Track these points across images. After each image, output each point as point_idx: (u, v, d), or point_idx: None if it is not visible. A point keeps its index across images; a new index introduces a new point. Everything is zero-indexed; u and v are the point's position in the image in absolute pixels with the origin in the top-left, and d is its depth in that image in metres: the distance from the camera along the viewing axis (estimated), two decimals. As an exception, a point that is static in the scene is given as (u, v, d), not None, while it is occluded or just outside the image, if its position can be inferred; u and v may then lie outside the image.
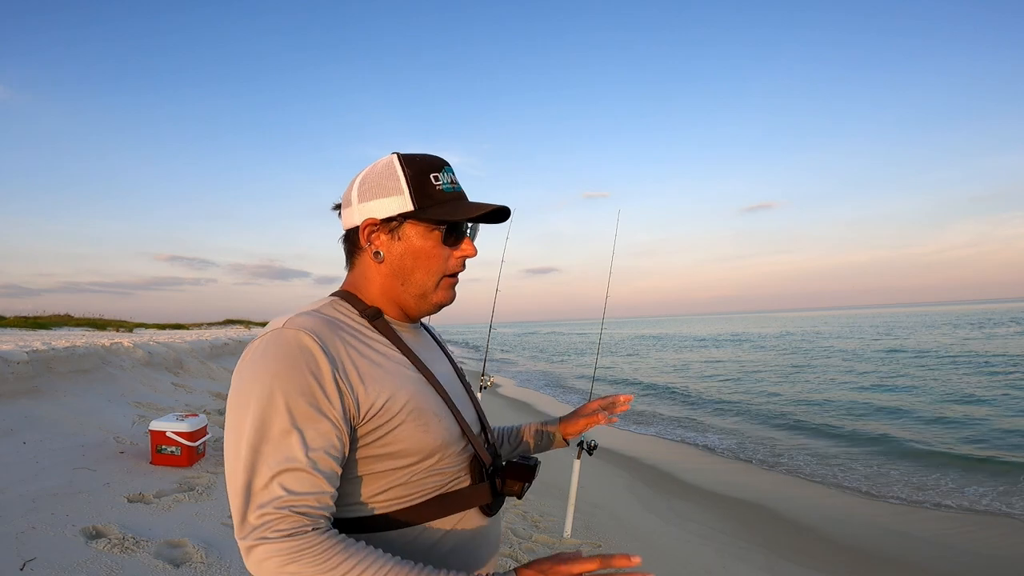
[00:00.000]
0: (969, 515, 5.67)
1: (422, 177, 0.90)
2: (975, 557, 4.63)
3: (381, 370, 0.85)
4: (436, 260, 0.92)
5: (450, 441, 0.89)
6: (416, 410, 0.85)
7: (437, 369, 0.96)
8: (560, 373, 22.78)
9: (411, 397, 0.85)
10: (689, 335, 57.27)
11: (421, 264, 0.92)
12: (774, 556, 4.58)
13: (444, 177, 0.92)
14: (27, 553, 2.81)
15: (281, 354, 0.77)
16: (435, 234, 0.91)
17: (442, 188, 0.91)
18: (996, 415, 10.79)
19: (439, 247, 0.92)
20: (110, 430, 5.35)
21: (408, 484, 0.86)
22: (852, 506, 6.02)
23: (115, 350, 8.55)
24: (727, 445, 9.06)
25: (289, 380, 0.76)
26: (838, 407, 12.37)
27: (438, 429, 0.87)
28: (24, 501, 3.45)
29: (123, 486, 3.98)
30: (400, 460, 0.85)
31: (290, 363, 0.77)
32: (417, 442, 0.85)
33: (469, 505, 0.92)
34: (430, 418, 0.87)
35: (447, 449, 0.88)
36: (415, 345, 0.95)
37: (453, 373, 1.03)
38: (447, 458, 0.89)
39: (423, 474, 0.87)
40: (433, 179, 0.91)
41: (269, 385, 0.76)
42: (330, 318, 0.86)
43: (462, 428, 0.92)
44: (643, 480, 6.85)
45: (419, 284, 0.92)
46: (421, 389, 0.88)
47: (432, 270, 0.92)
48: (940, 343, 29.78)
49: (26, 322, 21.16)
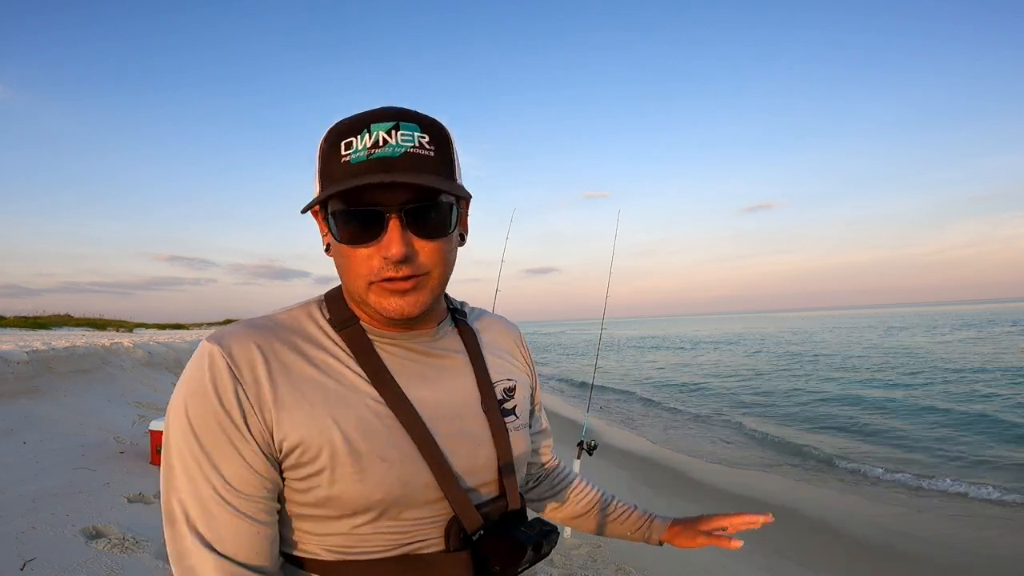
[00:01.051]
0: (969, 513, 5.67)
1: (332, 148, 0.65)
2: (975, 557, 4.64)
3: (318, 394, 0.66)
4: (353, 260, 0.67)
5: (402, 494, 0.67)
6: (351, 452, 0.65)
7: (430, 395, 0.72)
8: (561, 373, 22.77)
9: (347, 433, 0.65)
10: (689, 335, 57.27)
11: (345, 264, 0.68)
12: (774, 556, 4.58)
13: (362, 140, 0.64)
14: (27, 553, 2.81)
15: (192, 372, 0.66)
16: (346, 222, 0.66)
17: (349, 160, 0.64)
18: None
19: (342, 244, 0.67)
20: (110, 430, 5.35)
21: (347, 536, 0.67)
22: (853, 505, 6.01)
23: (115, 350, 8.56)
24: (727, 444, 9.06)
25: (195, 403, 0.64)
26: (840, 408, 12.38)
27: (381, 478, 0.65)
28: (24, 501, 3.45)
29: (123, 486, 3.98)
30: (328, 510, 0.66)
31: (198, 384, 0.64)
32: (347, 492, 0.65)
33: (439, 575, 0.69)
34: (370, 463, 0.65)
35: (397, 504, 0.67)
36: (400, 362, 0.72)
37: (470, 398, 0.76)
38: (403, 515, 0.68)
39: (366, 531, 0.67)
40: (344, 147, 0.64)
41: (179, 407, 0.65)
42: (279, 325, 0.70)
43: (437, 477, 0.68)
44: (643, 480, 6.85)
45: (351, 289, 0.70)
46: (372, 424, 0.67)
47: (353, 272, 0.67)
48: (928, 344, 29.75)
49: (26, 322, 21.16)
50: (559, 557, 3.86)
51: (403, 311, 0.67)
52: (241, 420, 0.63)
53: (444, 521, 0.70)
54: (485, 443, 0.74)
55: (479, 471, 0.73)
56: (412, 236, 0.65)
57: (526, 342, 0.92)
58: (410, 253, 0.65)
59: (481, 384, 0.77)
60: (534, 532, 0.72)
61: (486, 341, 0.83)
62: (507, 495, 0.75)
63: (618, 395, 15.77)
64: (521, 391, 0.83)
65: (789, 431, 10.08)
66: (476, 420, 0.75)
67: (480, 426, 0.75)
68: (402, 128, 0.64)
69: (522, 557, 0.69)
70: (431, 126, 0.67)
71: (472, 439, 0.73)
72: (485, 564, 0.69)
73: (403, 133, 0.64)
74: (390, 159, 0.63)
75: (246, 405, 0.64)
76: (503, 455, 0.75)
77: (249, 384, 0.64)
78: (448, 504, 0.69)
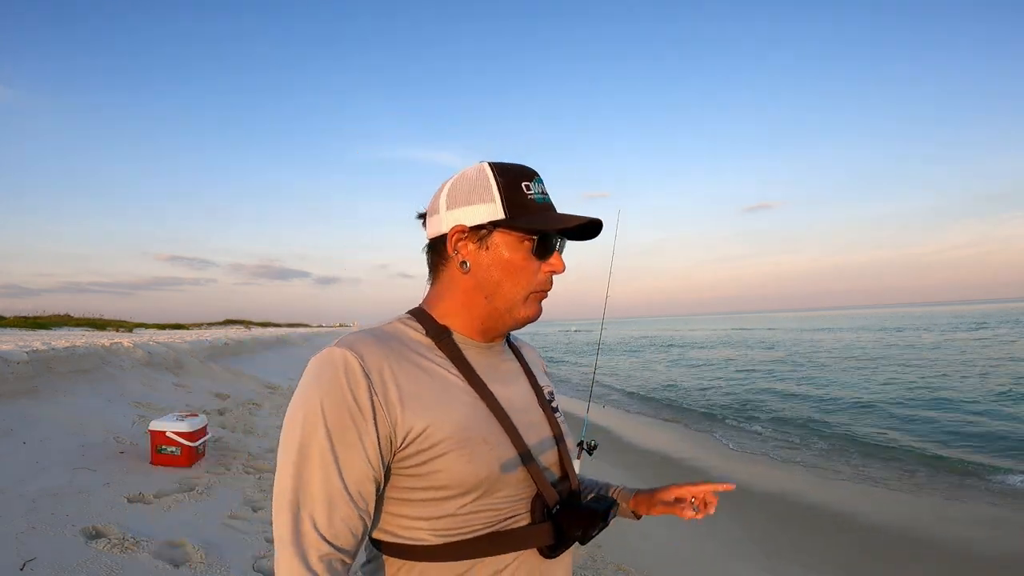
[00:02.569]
0: (971, 513, 5.67)
1: (514, 185, 0.86)
2: (976, 557, 4.63)
3: (431, 392, 0.81)
4: (525, 272, 0.87)
5: (500, 472, 0.81)
6: (462, 438, 0.79)
7: (506, 392, 0.89)
8: (560, 373, 22.77)
9: (458, 423, 0.80)
10: (688, 336, 57.25)
11: (509, 276, 0.87)
12: (774, 556, 4.58)
13: (535, 187, 0.88)
14: (27, 553, 2.81)
15: (324, 372, 0.78)
16: (525, 245, 0.87)
17: (533, 198, 0.87)
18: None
19: (529, 259, 0.87)
20: (110, 430, 5.35)
21: (454, 517, 0.80)
22: (854, 505, 6.01)
23: (115, 350, 8.56)
24: (727, 444, 9.07)
25: (330, 398, 0.76)
26: (841, 408, 12.38)
27: (486, 458, 0.79)
28: (24, 501, 3.45)
29: (123, 486, 3.98)
30: (441, 492, 0.79)
31: (331, 383, 0.77)
32: (459, 474, 0.78)
33: (525, 546, 0.83)
34: (477, 446, 0.80)
35: (497, 482, 0.80)
36: (483, 365, 0.89)
37: (531, 397, 0.94)
38: (499, 492, 0.81)
39: (470, 509, 0.80)
40: (524, 188, 0.87)
41: (313, 402, 0.77)
42: (389, 335, 0.85)
43: (522, 458, 0.83)
44: (644, 480, 6.85)
45: (506, 297, 0.87)
46: (473, 414, 0.82)
47: (520, 283, 0.87)
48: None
49: (26, 322, 21.17)
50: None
51: (539, 315, 0.90)
52: (371, 415, 0.77)
53: (528, 498, 0.84)
54: (547, 432, 0.91)
55: (547, 455, 0.89)
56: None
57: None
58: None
59: (535, 387, 0.96)
60: (604, 503, 0.89)
61: (527, 357, 1.03)
62: (569, 476, 0.91)
63: (619, 395, 15.78)
64: (557, 398, 1.02)
65: (791, 432, 10.08)
66: (538, 413, 0.92)
67: (541, 418, 0.92)
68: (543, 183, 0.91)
69: (597, 524, 0.85)
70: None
71: (538, 428, 0.90)
72: (563, 533, 0.84)
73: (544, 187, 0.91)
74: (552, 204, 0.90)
75: (376, 401, 0.77)
76: (559, 441, 0.92)
77: (378, 384, 0.78)
78: (532, 482, 0.84)
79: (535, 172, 0.90)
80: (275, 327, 46.24)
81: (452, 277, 0.89)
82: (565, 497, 0.88)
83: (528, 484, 0.84)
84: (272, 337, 22.49)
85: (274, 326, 50.03)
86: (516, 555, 0.82)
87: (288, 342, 23.48)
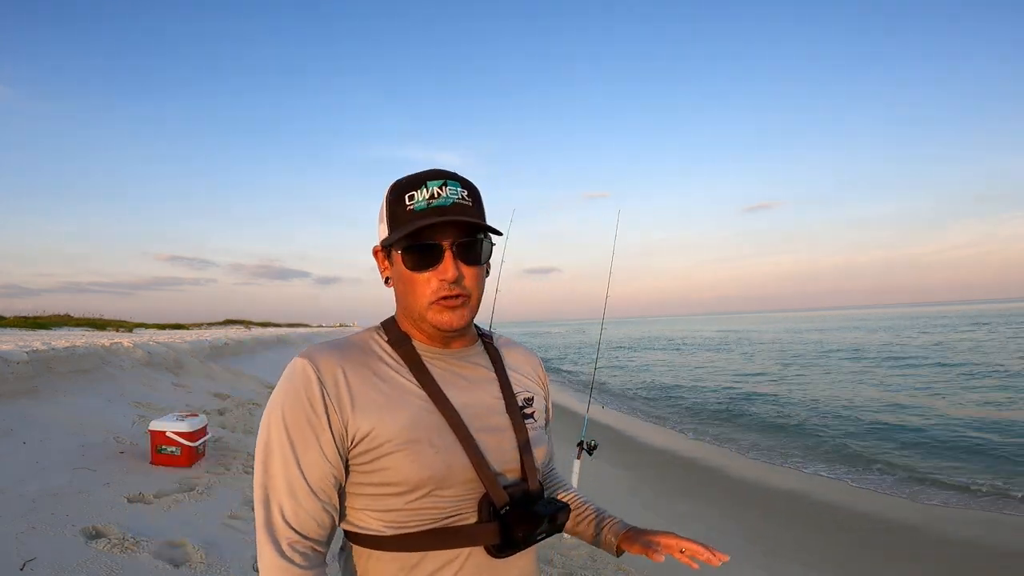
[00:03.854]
0: (971, 513, 5.68)
1: (398, 200, 0.89)
2: (976, 557, 4.64)
3: (381, 396, 0.87)
4: (415, 283, 0.90)
5: (446, 475, 0.86)
6: (408, 439, 0.85)
7: (465, 398, 0.93)
8: (561, 373, 22.77)
9: (404, 425, 0.86)
10: (689, 336, 57.26)
11: (408, 288, 0.91)
12: (774, 556, 4.58)
13: (421, 193, 0.88)
14: (27, 553, 2.81)
15: (285, 381, 0.88)
16: (416, 255, 0.89)
17: (413, 208, 0.87)
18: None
19: (413, 270, 0.90)
20: (110, 430, 5.35)
21: (401, 512, 0.87)
22: (853, 505, 6.02)
23: (115, 350, 8.56)
24: (726, 444, 9.07)
25: (289, 403, 0.86)
26: (845, 407, 12.38)
27: (431, 461, 0.85)
28: (24, 501, 3.45)
29: (123, 486, 3.98)
30: (389, 488, 0.86)
31: (290, 389, 0.87)
32: (404, 472, 0.85)
33: (471, 543, 0.88)
34: (423, 449, 0.85)
35: (443, 481, 0.86)
36: (443, 371, 0.94)
37: (494, 401, 0.97)
38: (446, 491, 0.87)
39: (416, 505, 0.86)
40: (407, 199, 0.88)
41: (276, 407, 0.87)
42: (352, 344, 0.93)
43: (473, 463, 0.88)
44: (643, 480, 6.86)
45: (413, 308, 0.92)
46: (423, 418, 0.87)
47: (416, 294, 0.90)
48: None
49: (26, 322, 21.15)
50: (559, 557, 3.86)
51: (452, 324, 0.90)
52: (324, 416, 0.85)
53: (477, 498, 0.89)
54: (508, 437, 0.94)
55: (504, 458, 0.93)
56: (460, 263, 0.89)
57: (544, 369, 1.15)
58: (459, 276, 0.89)
59: (505, 392, 0.98)
60: (550, 506, 0.92)
61: (509, 362, 1.05)
62: (528, 479, 0.94)
63: (618, 394, 15.78)
64: (538, 403, 1.05)
65: (791, 431, 10.08)
66: (501, 419, 0.95)
67: (504, 424, 0.95)
68: (449, 184, 0.89)
69: (539, 525, 0.89)
70: (469, 185, 0.92)
71: (498, 433, 0.94)
72: (510, 532, 0.88)
73: (450, 188, 0.89)
74: (443, 207, 0.88)
75: (329, 405, 0.85)
76: (523, 446, 0.95)
77: (331, 388, 0.86)
78: (481, 483, 0.88)
79: (437, 175, 0.89)
80: (275, 327, 46.23)
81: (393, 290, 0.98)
82: (518, 498, 0.90)
83: (477, 485, 0.88)
84: (272, 337, 22.50)
85: (274, 326, 50.01)
86: (465, 551, 0.88)
87: (288, 342, 23.48)
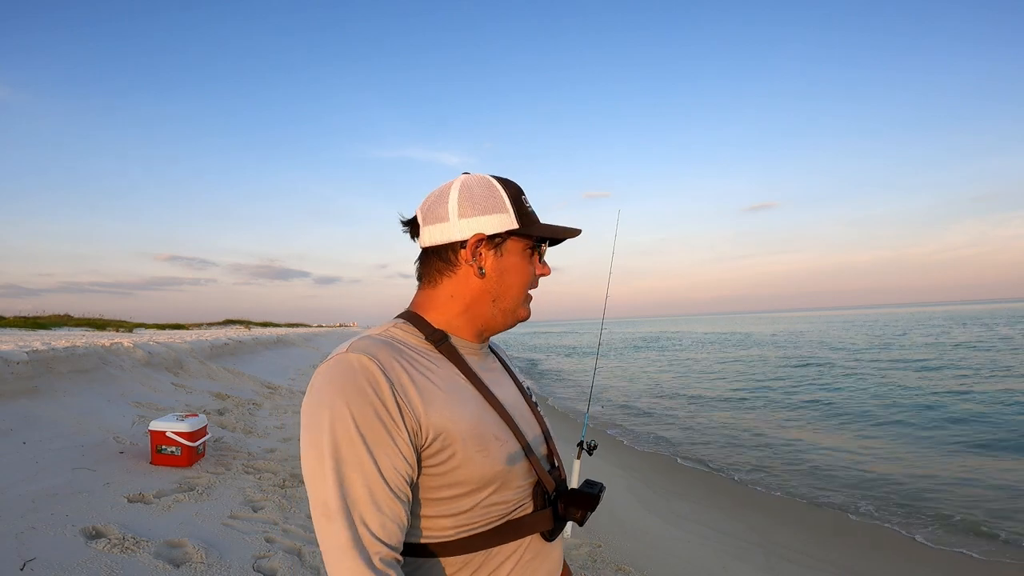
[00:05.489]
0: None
1: (518, 197, 0.96)
2: (976, 558, 4.64)
3: (442, 393, 0.85)
4: (527, 276, 0.97)
5: (511, 465, 0.88)
6: (477, 435, 0.85)
7: (501, 392, 0.95)
8: (561, 373, 22.76)
9: (472, 421, 0.85)
10: (689, 336, 57.25)
11: (516, 280, 0.95)
12: (774, 556, 4.58)
13: (527, 200, 0.98)
14: (27, 553, 2.81)
15: (345, 377, 0.79)
16: (529, 251, 0.97)
17: (531, 209, 0.98)
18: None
19: (530, 264, 0.97)
20: (110, 430, 5.35)
21: (473, 511, 0.86)
22: (853, 504, 6.01)
23: (115, 350, 8.55)
24: (725, 445, 9.06)
25: (355, 401, 0.78)
26: (841, 408, 12.38)
27: (498, 453, 0.86)
28: (24, 501, 3.45)
29: (123, 486, 3.98)
30: (461, 488, 0.84)
31: (352, 386, 0.78)
32: (477, 468, 0.84)
33: (531, 531, 0.91)
34: (490, 442, 0.86)
35: (508, 474, 0.88)
36: (480, 367, 0.96)
37: (519, 395, 1.01)
38: (509, 484, 0.88)
39: (488, 502, 0.87)
40: (524, 200, 0.97)
41: (338, 406, 0.78)
42: (393, 340, 0.88)
43: (524, 451, 0.91)
44: (643, 480, 6.86)
45: (512, 299, 0.96)
46: (482, 413, 0.88)
47: (523, 286, 0.97)
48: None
49: (26, 322, 21.15)
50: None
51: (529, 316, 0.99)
52: (398, 414, 0.79)
53: (531, 487, 0.92)
54: (537, 427, 0.99)
55: (539, 448, 0.97)
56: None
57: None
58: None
59: (518, 385, 1.04)
60: (595, 487, 0.97)
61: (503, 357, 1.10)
62: (559, 466, 1.00)
63: (618, 394, 15.78)
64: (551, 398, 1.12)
65: (793, 432, 10.08)
66: (528, 410, 1.00)
67: (531, 414, 1.00)
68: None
69: (595, 505, 0.94)
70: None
71: (531, 423, 0.98)
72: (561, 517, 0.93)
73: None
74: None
75: (400, 401, 0.80)
76: (547, 434, 1.01)
77: (398, 385, 0.81)
78: (534, 473, 0.92)
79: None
80: (275, 327, 46.23)
81: (461, 282, 0.94)
82: (559, 483, 0.97)
83: (531, 474, 0.92)
84: (272, 337, 22.47)
85: (274, 326, 50.01)
86: (527, 540, 0.91)
87: (288, 342, 23.46)
